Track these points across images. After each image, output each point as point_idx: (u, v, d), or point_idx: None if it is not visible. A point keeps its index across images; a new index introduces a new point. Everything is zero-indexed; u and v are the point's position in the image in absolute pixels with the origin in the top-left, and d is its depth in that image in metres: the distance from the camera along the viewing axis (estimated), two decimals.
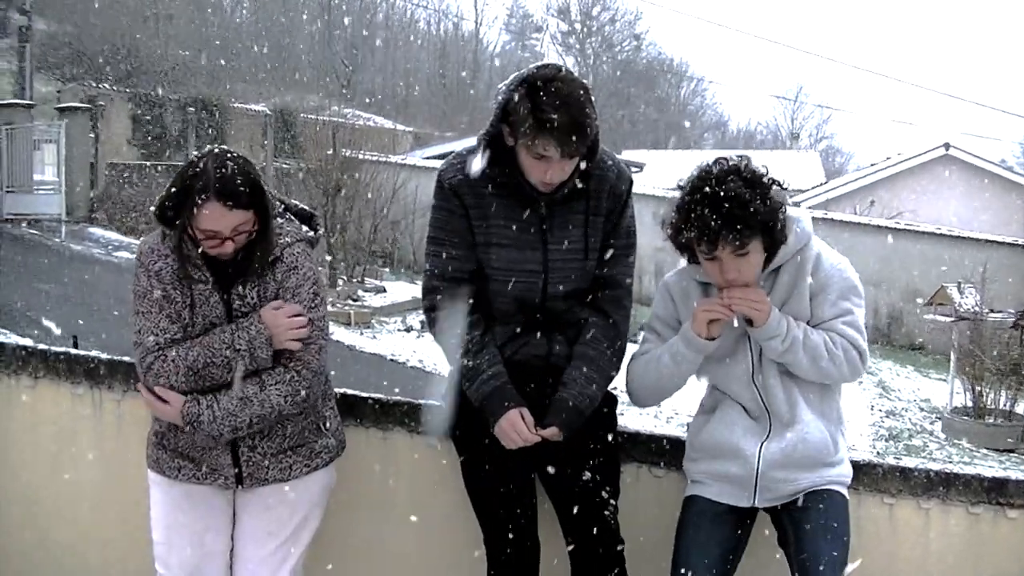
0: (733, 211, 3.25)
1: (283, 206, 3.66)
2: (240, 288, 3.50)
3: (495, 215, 3.58)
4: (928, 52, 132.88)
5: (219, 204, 3.31)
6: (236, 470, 3.57)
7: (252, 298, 3.51)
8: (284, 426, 3.59)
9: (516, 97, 3.35)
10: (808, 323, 3.49)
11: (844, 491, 3.60)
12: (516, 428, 3.51)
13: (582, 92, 3.36)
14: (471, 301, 3.63)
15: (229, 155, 3.41)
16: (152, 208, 3.46)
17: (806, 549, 3.42)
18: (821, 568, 3.35)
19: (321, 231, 3.75)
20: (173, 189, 3.36)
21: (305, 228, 3.67)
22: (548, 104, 3.29)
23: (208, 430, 3.44)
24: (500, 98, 3.43)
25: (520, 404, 3.54)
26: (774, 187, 3.37)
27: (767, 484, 3.53)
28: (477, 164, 3.54)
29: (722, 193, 3.27)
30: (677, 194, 3.45)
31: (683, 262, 3.62)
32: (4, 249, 20.11)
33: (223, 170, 3.33)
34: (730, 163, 3.38)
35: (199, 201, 3.29)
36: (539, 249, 3.58)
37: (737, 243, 3.28)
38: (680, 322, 3.61)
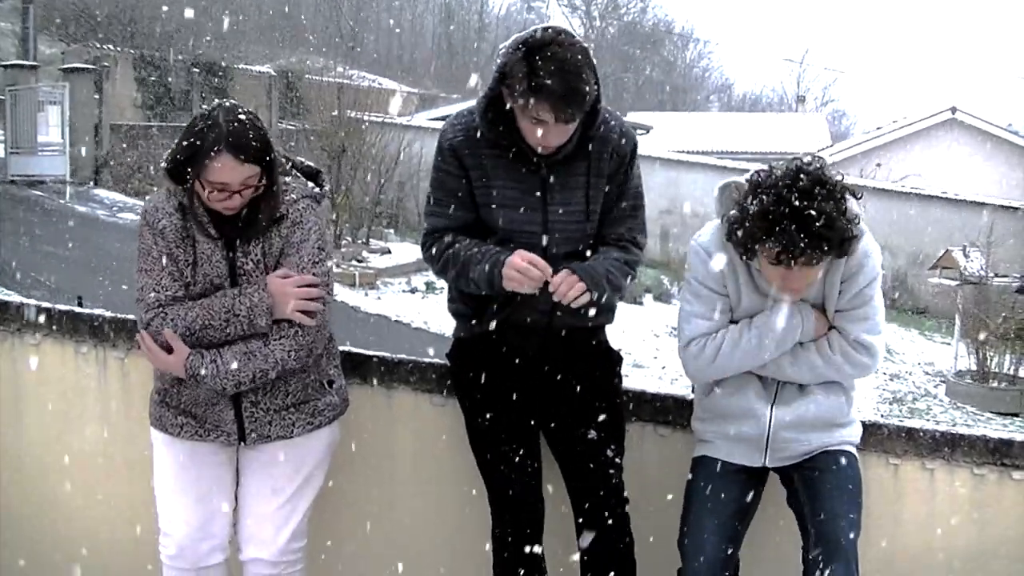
0: (821, 231, 3.14)
1: (289, 163, 3.65)
2: (245, 245, 3.50)
3: (495, 176, 3.57)
4: (935, 15, 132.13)
5: (231, 156, 3.31)
6: (238, 426, 3.58)
7: (256, 255, 3.50)
8: (287, 383, 3.59)
9: (513, 60, 3.34)
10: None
11: (855, 451, 3.61)
12: (525, 258, 3.45)
13: (580, 57, 3.32)
14: None
15: (240, 109, 3.41)
16: (162, 162, 3.45)
17: (823, 510, 3.41)
18: (841, 529, 3.34)
19: (327, 187, 3.74)
20: (185, 142, 3.35)
21: (311, 185, 3.66)
22: (543, 69, 3.27)
23: (211, 384, 3.44)
24: (499, 60, 3.41)
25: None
26: (848, 195, 3.27)
27: (778, 444, 3.54)
28: (478, 125, 3.54)
29: (813, 212, 3.14)
30: (742, 179, 3.37)
31: (710, 225, 3.57)
32: (9, 210, 20.08)
33: (235, 123, 3.34)
34: (812, 170, 3.23)
35: (212, 153, 3.29)
36: (539, 210, 3.56)
37: (816, 259, 3.21)
38: (725, 286, 3.52)
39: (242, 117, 3.37)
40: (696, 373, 3.59)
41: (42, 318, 4.47)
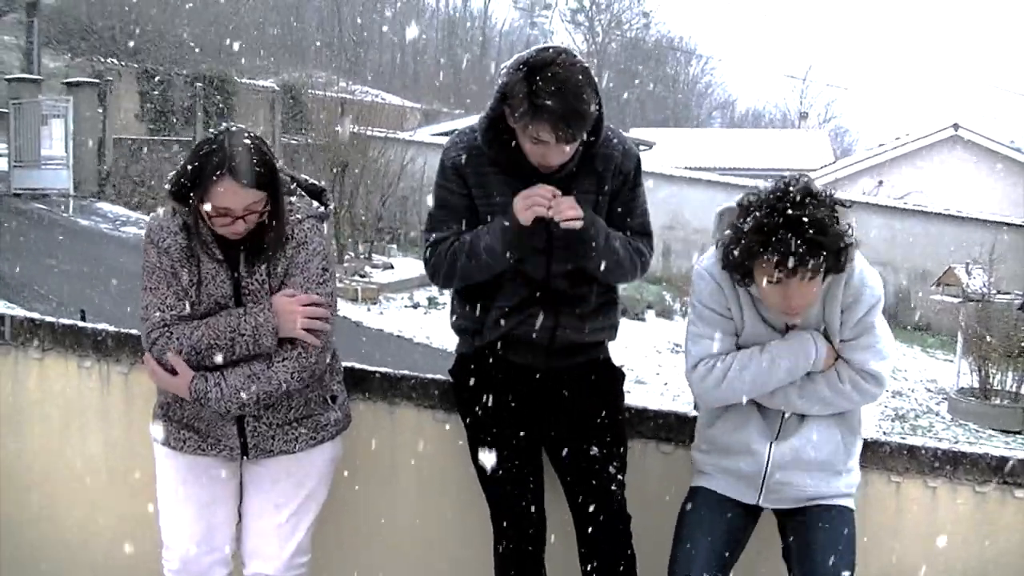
0: (817, 237, 3.13)
1: (294, 182, 3.65)
2: (249, 266, 3.50)
3: (499, 194, 3.58)
4: (938, 32, 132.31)
5: (234, 182, 3.29)
6: (241, 441, 3.58)
7: (261, 275, 3.50)
8: (290, 398, 3.59)
9: (515, 80, 3.35)
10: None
11: (851, 504, 3.58)
12: (530, 191, 3.45)
13: (580, 77, 3.33)
14: None
15: (246, 134, 3.39)
16: (166, 184, 3.44)
17: (814, 569, 3.39)
18: None
19: (331, 206, 3.74)
20: (189, 166, 3.34)
21: (315, 204, 3.66)
22: (543, 90, 3.27)
23: (215, 407, 3.44)
24: (501, 80, 3.43)
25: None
26: (838, 207, 3.26)
27: (774, 485, 3.52)
28: (480, 143, 3.56)
29: (806, 219, 3.13)
30: (734, 201, 3.35)
31: (711, 250, 3.54)
32: (12, 224, 20.11)
33: (239, 148, 3.32)
34: (800, 184, 3.23)
35: (214, 178, 3.28)
36: (542, 229, 3.56)
37: (813, 268, 3.17)
38: (729, 310, 3.50)
39: (247, 142, 3.35)
40: (704, 395, 3.56)
41: (45, 332, 4.48)
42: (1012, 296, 16.52)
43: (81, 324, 4.57)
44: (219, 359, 3.44)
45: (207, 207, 3.33)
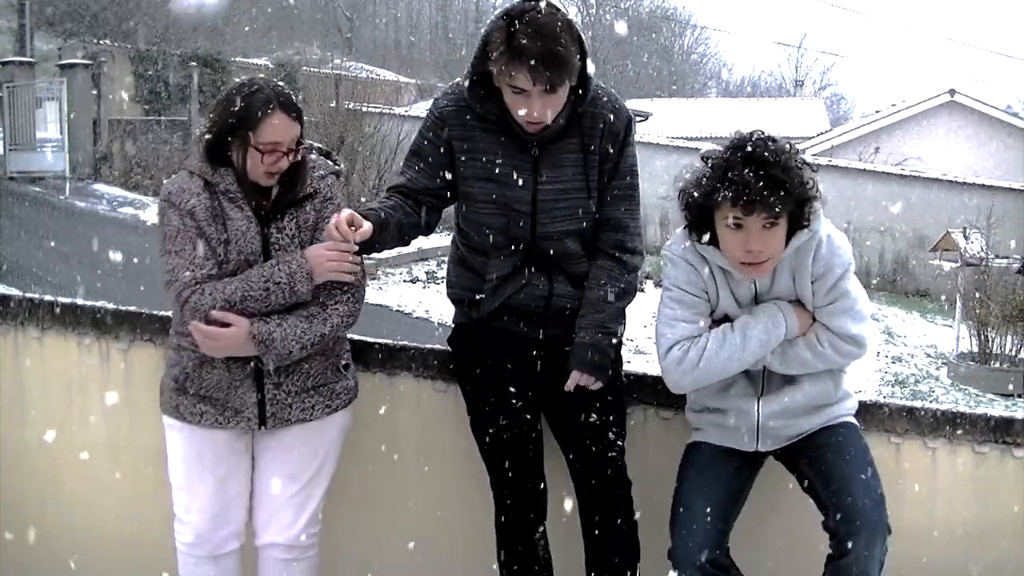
0: (776, 174, 3.15)
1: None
2: (279, 221, 3.55)
3: (482, 150, 3.58)
4: None
5: (285, 115, 3.43)
6: (259, 410, 3.59)
7: (291, 230, 3.56)
8: (309, 364, 3.63)
9: (495, 27, 3.36)
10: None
11: (852, 420, 3.61)
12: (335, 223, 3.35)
13: (560, 23, 3.30)
14: (411, 210, 3.63)
15: (272, 78, 3.56)
16: (206, 136, 3.52)
17: (832, 480, 3.37)
18: (855, 495, 3.29)
19: (342, 166, 3.81)
20: (232, 108, 3.43)
21: (331, 162, 3.75)
22: (521, 32, 3.26)
23: (280, 348, 3.46)
24: (483, 32, 3.44)
25: (369, 218, 3.42)
26: (805, 162, 3.29)
27: (768, 432, 3.53)
28: (467, 95, 3.56)
29: (766, 154, 3.17)
30: (698, 163, 3.36)
31: (680, 233, 3.53)
32: (9, 207, 20.09)
33: (277, 86, 3.50)
34: (765, 134, 3.28)
35: (268, 111, 3.40)
36: (528, 188, 3.56)
37: (775, 210, 3.18)
38: (706, 292, 3.50)
39: (280, 82, 3.54)
40: (680, 379, 3.50)
41: (44, 311, 4.48)
42: (1010, 260, 16.55)
43: (80, 302, 4.57)
44: (254, 311, 3.47)
45: (256, 146, 3.42)
